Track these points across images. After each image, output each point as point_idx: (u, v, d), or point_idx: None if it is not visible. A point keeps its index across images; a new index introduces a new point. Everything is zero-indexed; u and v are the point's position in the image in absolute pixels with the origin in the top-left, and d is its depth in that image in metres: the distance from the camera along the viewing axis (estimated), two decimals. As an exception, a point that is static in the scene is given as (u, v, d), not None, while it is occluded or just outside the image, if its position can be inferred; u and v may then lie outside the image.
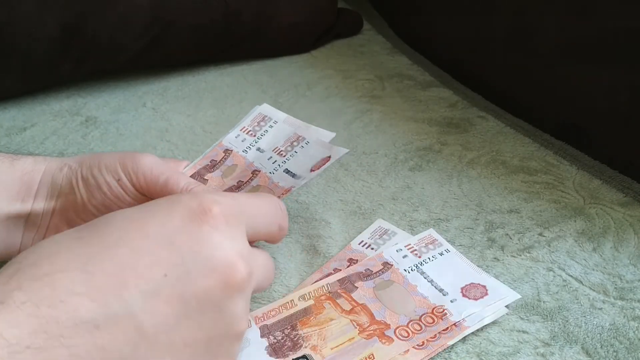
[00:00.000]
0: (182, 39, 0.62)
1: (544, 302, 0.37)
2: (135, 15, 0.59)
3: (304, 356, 0.33)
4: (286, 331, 0.35)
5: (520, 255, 0.41)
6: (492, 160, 0.50)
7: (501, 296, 0.36)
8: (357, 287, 0.37)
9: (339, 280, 0.38)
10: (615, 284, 0.38)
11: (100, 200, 0.36)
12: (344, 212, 0.45)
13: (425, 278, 0.38)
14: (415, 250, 0.40)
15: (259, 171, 0.41)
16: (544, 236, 0.42)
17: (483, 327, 0.35)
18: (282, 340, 0.34)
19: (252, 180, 0.41)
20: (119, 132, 0.56)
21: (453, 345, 0.34)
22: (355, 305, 0.36)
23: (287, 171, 0.40)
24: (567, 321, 0.36)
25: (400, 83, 0.63)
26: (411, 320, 0.35)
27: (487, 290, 0.37)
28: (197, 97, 0.61)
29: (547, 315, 0.36)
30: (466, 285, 0.37)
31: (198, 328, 0.24)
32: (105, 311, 0.22)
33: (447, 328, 0.34)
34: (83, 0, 0.57)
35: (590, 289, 0.38)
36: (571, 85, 0.53)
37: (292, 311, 0.36)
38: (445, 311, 0.35)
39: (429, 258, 0.39)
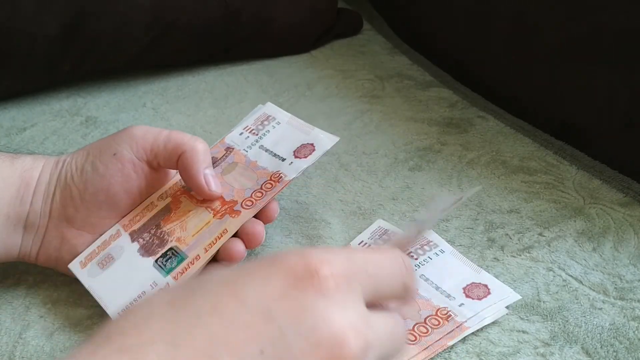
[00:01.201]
0: (182, 39, 0.62)
1: (544, 302, 0.37)
2: (135, 15, 0.59)
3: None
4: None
5: (520, 255, 0.41)
6: (492, 160, 0.50)
7: (503, 293, 0.37)
8: None
9: None
10: (615, 284, 0.38)
11: (97, 185, 0.36)
12: (344, 212, 0.45)
13: (425, 281, 0.38)
14: (412, 253, 0.40)
15: (233, 148, 0.42)
16: (543, 236, 0.42)
17: (483, 327, 0.35)
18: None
19: (226, 157, 0.42)
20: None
21: (453, 345, 0.34)
22: None
23: (265, 150, 0.41)
24: (567, 321, 0.36)
25: (400, 83, 0.63)
26: (417, 324, 0.35)
27: (489, 289, 0.37)
28: (197, 97, 0.61)
29: (547, 315, 0.36)
30: (467, 285, 0.37)
31: None
32: None
33: (439, 321, 0.35)
34: (83, 0, 0.57)
35: (590, 289, 0.38)
36: (571, 85, 0.53)
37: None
38: (450, 312, 0.35)
39: (425, 260, 0.39)
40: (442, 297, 0.37)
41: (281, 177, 0.39)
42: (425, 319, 0.35)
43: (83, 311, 0.37)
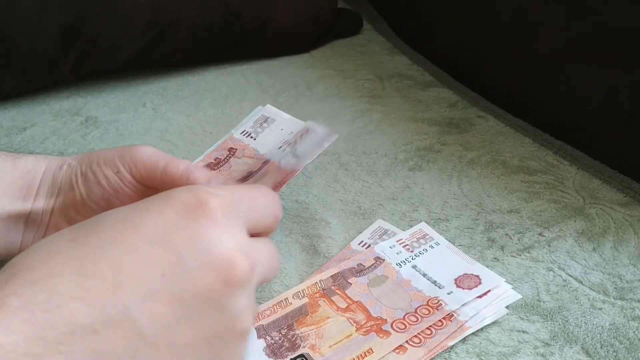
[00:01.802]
0: (182, 39, 0.62)
1: (544, 302, 0.37)
2: (135, 15, 0.59)
3: (301, 355, 0.33)
4: (283, 331, 0.35)
5: (520, 255, 0.41)
6: (492, 160, 0.50)
7: (494, 284, 0.37)
8: (351, 284, 0.38)
9: (331, 277, 0.38)
10: (615, 284, 0.38)
11: (99, 195, 0.36)
12: (343, 212, 0.45)
13: (418, 272, 0.38)
14: (407, 244, 0.40)
15: (269, 160, 0.41)
16: (543, 236, 0.42)
17: (483, 327, 0.35)
18: (280, 341, 0.34)
19: (262, 168, 0.40)
20: (118, 132, 0.56)
21: (453, 345, 0.34)
22: (351, 302, 0.36)
23: (293, 155, 0.40)
24: (567, 321, 0.36)
25: (400, 83, 0.63)
26: (407, 313, 0.35)
27: (480, 279, 0.37)
28: (197, 97, 0.61)
29: (547, 315, 0.36)
30: (459, 276, 0.38)
31: (199, 327, 0.24)
32: (102, 315, 0.22)
33: (442, 322, 0.35)
34: (83, 1, 0.57)
35: (590, 289, 0.38)
36: (571, 85, 0.53)
37: (287, 310, 0.36)
38: (440, 302, 0.36)
39: (420, 252, 0.40)
40: (433, 287, 0.37)
41: (441, 304, 0.36)
42: (416, 309, 0.36)
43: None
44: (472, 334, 0.35)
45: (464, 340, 0.34)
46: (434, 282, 0.37)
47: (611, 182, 0.47)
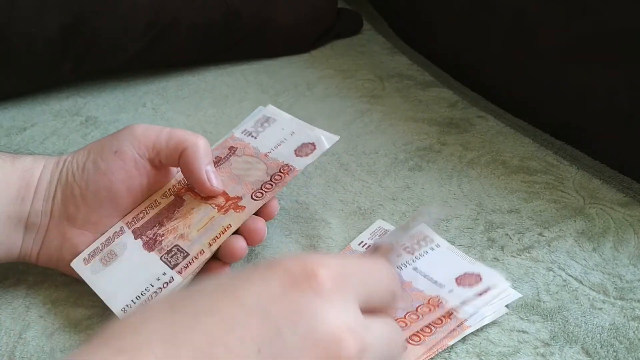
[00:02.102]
0: (182, 39, 0.62)
1: (544, 302, 0.37)
2: (135, 15, 0.59)
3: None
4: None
5: (520, 255, 0.41)
6: (492, 160, 0.50)
7: (495, 281, 0.37)
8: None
9: None
10: (615, 284, 0.38)
11: (99, 183, 0.36)
12: (343, 212, 0.45)
13: (419, 274, 0.38)
14: (407, 247, 0.40)
15: (237, 147, 0.42)
16: (543, 236, 0.42)
17: (483, 327, 0.35)
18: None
19: (229, 156, 0.41)
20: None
21: (453, 345, 0.34)
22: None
23: (267, 147, 0.42)
24: (567, 321, 0.36)
25: (400, 83, 0.63)
26: (408, 312, 0.35)
27: (481, 277, 0.37)
28: (197, 97, 0.61)
29: (547, 315, 0.36)
30: (460, 275, 0.38)
31: None
32: None
33: (442, 320, 0.35)
34: (83, 1, 0.57)
35: (590, 289, 0.38)
36: (571, 85, 0.53)
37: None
38: (441, 300, 0.36)
39: (420, 254, 0.40)
40: (434, 287, 0.37)
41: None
42: (417, 307, 0.36)
43: (83, 311, 0.37)
44: (472, 333, 0.35)
45: (463, 340, 0.34)
46: (435, 282, 0.37)
47: (611, 182, 0.47)
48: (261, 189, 0.39)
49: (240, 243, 0.37)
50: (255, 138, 0.42)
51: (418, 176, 0.49)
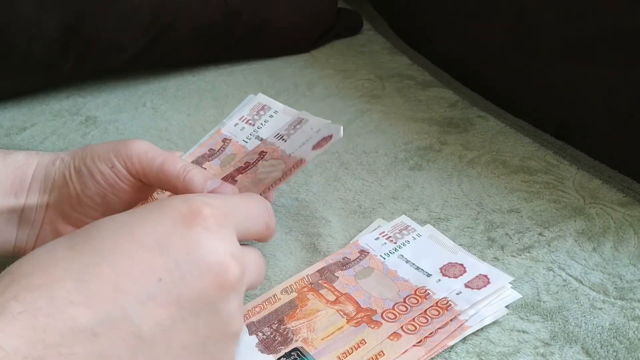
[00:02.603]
0: (182, 39, 0.62)
1: (544, 302, 0.37)
2: (135, 15, 0.59)
3: (295, 349, 0.34)
4: (274, 326, 0.35)
5: (520, 255, 0.41)
6: (492, 160, 0.50)
7: (478, 270, 0.37)
8: (338, 277, 0.38)
9: (318, 271, 0.39)
10: (615, 284, 0.38)
11: (94, 190, 0.36)
12: (344, 211, 0.45)
13: (404, 261, 0.39)
14: (390, 236, 0.41)
15: (230, 139, 0.41)
16: (544, 236, 0.42)
17: (483, 327, 0.35)
18: (272, 336, 0.34)
19: (224, 148, 0.41)
20: (118, 132, 0.56)
21: (453, 345, 0.34)
22: (339, 295, 0.37)
23: (260, 139, 0.41)
24: (567, 321, 0.36)
25: (400, 83, 0.63)
26: (396, 303, 0.36)
27: (465, 267, 0.38)
28: (197, 97, 0.61)
29: (547, 315, 0.36)
30: (444, 265, 0.38)
31: (194, 330, 0.25)
32: (102, 318, 0.22)
33: (439, 312, 0.35)
34: (83, 1, 0.57)
35: (590, 288, 0.38)
36: (571, 85, 0.53)
37: (276, 306, 0.36)
38: (428, 291, 0.36)
39: (403, 243, 0.40)
40: (420, 275, 0.37)
41: (428, 293, 0.36)
42: (404, 298, 0.36)
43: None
44: (472, 333, 0.35)
45: (464, 340, 0.34)
46: (421, 270, 0.38)
47: (611, 182, 0.47)
48: (393, 309, 0.36)
49: None
50: (286, 141, 0.40)
51: (418, 175, 0.49)
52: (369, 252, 0.40)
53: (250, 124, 0.41)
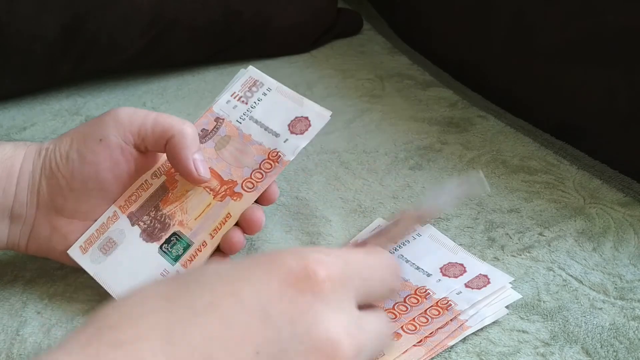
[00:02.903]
0: (182, 39, 0.62)
1: (544, 302, 0.37)
2: (135, 15, 0.59)
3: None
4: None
5: (520, 255, 0.40)
6: (493, 159, 0.50)
7: (479, 271, 0.37)
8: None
9: None
10: (615, 284, 0.38)
11: (85, 173, 0.35)
12: (344, 210, 0.45)
13: (403, 260, 0.39)
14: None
15: (223, 119, 0.40)
16: (544, 236, 0.42)
17: (483, 327, 0.35)
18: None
19: (217, 129, 0.39)
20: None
21: (453, 345, 0.34)
22: None
23: (257, 122, 0.39)
24: (567, 321, 0.36)
25: (400, 83, 0.63)
26: (396, 303, 0.36)
27: (465, 267, 0.38)
28: (197, 97, 0.61)
29: (547, 315, 0.36)
30: (444, 265, 0.38)
31: None
32: None
33: (439, 312, 0.35)
34: (83, 1, 0.57)
35: (590, 288, 0.38)
36: (571, 85, 0.53)
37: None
38: (428, 290, 0.36)
39: (403, 243, 0.40)
40: (420, 275, 0.37)
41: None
42: (404, 298, 0.36)
43: (80, 305, 0.37)
44: (472, 333, 0.35)
45: (464, 340, 0.34)
46: (421, 270, 0.38)
47: (611, 182, 0.47)
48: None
49: (238, 235, 0.37)
50: (246, 104, 0.40)
51: (418, 175, 0.49)
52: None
53: (243, 102, 0.40)
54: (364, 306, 0.24)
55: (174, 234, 0.36)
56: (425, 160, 0.50)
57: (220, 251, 0.37)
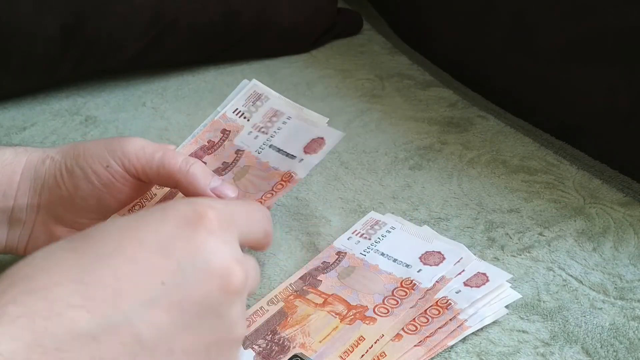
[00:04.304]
0: (182, 39, 0.62)
1: (544, 302, 0.37)
2: (135, 15, 0.59)
3: (295, 355, 0.33)
4: (268, 337, 0.35)
5: (520, 255, 0.41)
6: (493, 159, 0.50)
7: (458, 256, 0.38)
8: (321, 280, 0.38)
9: (300, 278, 0.38)
10: (615, 284, 0.38)
11: (88, 191, 0.35)
12: (344, 210, 0.45)
13: (383, 256, 0.39)
14: (363, 234, 0.41)
15: (243, 150, 0.39)
16: (544, 236, 0.42)
17: (483, 327, 0.35)
18: (268, 347, 0.34)
19: (237, 160, 0.39)
20: (118, 132, 0.56)
21: (453, 345, 0.34)
22: (327, 296, 0.37)
23: (275, 148, 0.39)
24: (567, 321, 0.36)
25: (400, 83, 0.63)
26: (385, 297, 0.36)
27: (443, 255, 0.38)
28: (197, 97, 0.61)
29: (547, 315, 0.36)
30: (422, 254, 0.39)
31: (198, 335, 0.24)
32: (102, 322, 0.22)
33: (439, 312, 0.35)
34: (83, 1, 0.57)
35: (590, 288, 0.38)
36: (571, 85, 0.53)
37: (265, 317, 0.36)
38: (414, 281, 0.37)
39: (378, 238, 0.40)
40: (401, 267, 0.38)
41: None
42: (392, 291, 0.36)
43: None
44: (472, 333, 0.35)
45: (464, 340, 0.34)
46: (401, 263, 0.38)
47: (611, 182, 0.47)
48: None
49: None
50: (248, 120, 0.40)
51: (418, 175, 0.49)
52: (346, 252, 0.40)
53: (245, 118, 0.40)
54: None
55: (295, 355, 0.34)
56: (425, 160, 0.50)
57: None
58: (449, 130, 0.54)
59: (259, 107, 0.40)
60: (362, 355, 0.33)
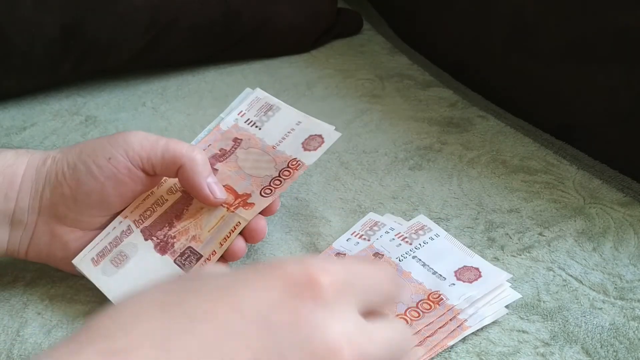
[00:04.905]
0: (182, 39, 0.62)
1: (544, 302, 0.37)
2: (134, 15, 0.59)
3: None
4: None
5: (520, 255, 0.41)
6: (492, 159, 0.50)
7: (494, 277, 0.37)
8: None
9: None
10: (615, 284, 0.38)
11: (90, 186, 0.35)
12: (344, 210, 0.45)
13: (418, 263, 0.38)
14: (406, 237, 0.40)
15: (241, 139, 0.41)
16: (544, 236, 0.42)
17: (483, 327, 0.35)
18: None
19: (235, 148, 0.41)
20: (118, 132, 0.56)
21: (453, 345, 0.34)
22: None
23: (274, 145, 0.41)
24: (567, 321, 0.36)
25: (400, 83, 0.63)
26: (409, 308, 0.35)
27: (480, 272, 0.37)
28: (197, 97, 0.61)
29: (547, 315, 0.36)
30: (459, 268, 0.38)
31: None
32: None
33: (444, 317, 0.35)
34: (82, 1, 0.57)
35: (590, 288, 0.38)
36: (571, 85, 0.53)
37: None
38: (441, 296, 0.36)
39: (420, 244, 0.40)
40: (434, 278, 0.37)
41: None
42: (417, 303, 0.36)
43: (80, 307, 0.37)
44: (472, 333, 0.35)
45: (464, 339, 0.34)
46: (435, 273, 0.37)
47: (611, 182, 0.47)
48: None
49: (240, 243, 0.37)
50: (260, 129, 0.41)
51: (418, 175, 0.49)
52: (383, 255, 0.39)
53: (257, 127, 0.42)
54: (372, 315, 0.24)
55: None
56: (425, 160, 0.50)
57: (220, 260, 0.37)
58: (449, 130, 0.54)
59: (271, 116, 0.42)
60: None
